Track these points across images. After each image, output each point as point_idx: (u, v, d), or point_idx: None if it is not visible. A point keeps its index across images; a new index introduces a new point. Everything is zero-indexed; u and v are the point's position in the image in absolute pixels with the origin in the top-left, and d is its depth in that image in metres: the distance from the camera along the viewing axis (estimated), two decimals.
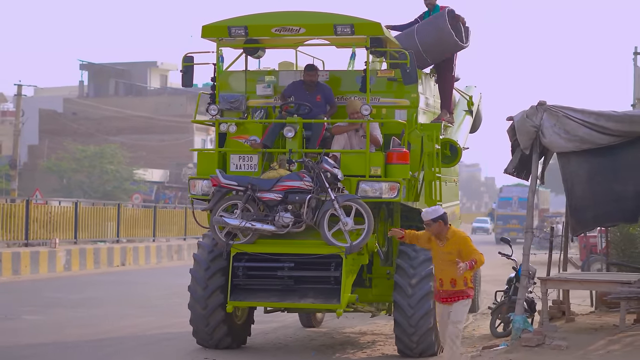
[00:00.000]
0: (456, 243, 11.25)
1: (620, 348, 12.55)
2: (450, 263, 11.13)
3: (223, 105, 14.52)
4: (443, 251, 11.26)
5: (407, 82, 13.62)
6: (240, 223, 13.35)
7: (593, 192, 13.36)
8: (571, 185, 13.46)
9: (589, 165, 13.34)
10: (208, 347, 14.11)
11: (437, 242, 11.34)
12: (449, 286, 11.23)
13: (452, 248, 11.22)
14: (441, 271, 11.31)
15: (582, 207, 13.45)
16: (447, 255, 11.19)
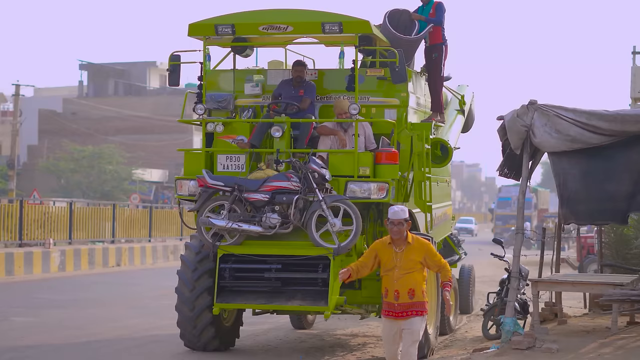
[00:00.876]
0: (420, 249, 10.13)
1: (611, 351, 12.36)
2: (410, 271, 10.04)
3: (211, 104, 14.34)
4: (403, 258, 10.05)
5: (396, 80, 13.43)
6: (226, 224, 13.16)
7: (586, 189, 13.17)
8: (564, 181, 13.25)
9: (581, 165, 13.15)
10: (195, 350, 13.94)
11: (393, 249, 10.10)
12: (406, 298, 10.00)
13: (415, 254, 10.08)
14: (396, 281, 10.04)
15: (575, 199, 13.24)
16: (408, 263, 10.03)
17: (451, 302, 10.60)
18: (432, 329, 13.98)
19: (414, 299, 10.01)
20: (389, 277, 10.09)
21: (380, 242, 10.29)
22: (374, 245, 10.35)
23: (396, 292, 10.01)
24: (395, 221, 10.08)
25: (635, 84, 17.20)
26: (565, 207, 13.36)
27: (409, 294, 10.01)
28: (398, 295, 10.01)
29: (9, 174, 53.14)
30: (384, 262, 10.13)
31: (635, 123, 12.76)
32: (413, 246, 10.12)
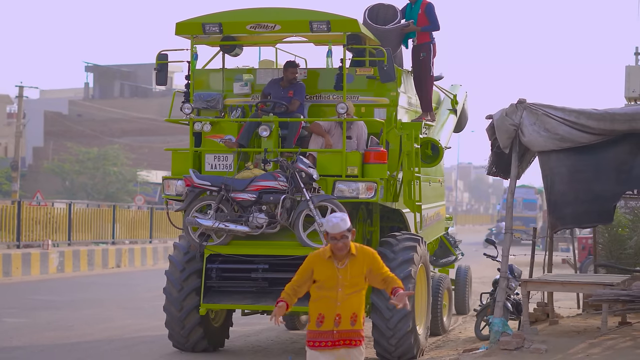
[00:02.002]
0: (364, 260, 8.30)
1: (600, 351, 12.24)
2: (356, 290, 8.27)
3: (199, 104, 14.26)
4: (348, 274, 8.23)
5: (384, 79, 13.34)
6: (213, 224, 13.09)
7: (573, 190, 13.05)
8: (551, 183, 13.15)
9: (570, 164, 13.03)
10: (184, 350, 13.88)
11: (334, 264, 8.24)
12: (347, 324, 8.22)
13: (360, 268, 8.28)
14: (339, 304, 8.20)
15: (562, 203, 13.13)
16: (352, 280, 8.23)
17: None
18: (422, 329, 13.89)
19: (355, 325, 8.24)
20: (327, 300, 8.20)
21: (317, 256, 8.35)
22: (310, 259, 8.41)
23: (337, 316, 8.17)
24: (338, 235, 8.20)
25: (630, 83, 17.08)
26: (552, 213, 13.25)
27: (352, 319, 8.22)
28: (339, 321, 8.18)
29: (13, 176, 53.15)
30: (322, 281, 8.24)
31: (624, 122, 12.64)
32: (357, 258, 8.28)
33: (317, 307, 8.28)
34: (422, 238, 13.95)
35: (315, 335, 8.27)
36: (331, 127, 13.64)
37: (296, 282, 8.36)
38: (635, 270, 16.41)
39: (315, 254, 8.39)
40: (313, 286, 8.31)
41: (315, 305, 8.30)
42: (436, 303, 16.16)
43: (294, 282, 8.37)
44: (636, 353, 12.01)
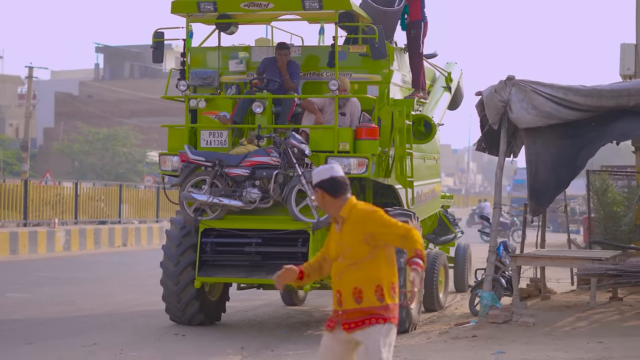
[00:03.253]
0: (359, 223, 6.68)
1: (586, 325, 12.45)
2: (356, 261, 6.72)
3: (195, 81, 14.47)
4: (343, 241, 6.74)
5: (375, 56, 13.51)
6: (207, 199, 13.32)
7: (556, 176, 13.27)
8: (535, 170, 13.34)
9: (554, 151, 13.22)
10: (181, 324, 14.09)
11: (334, 228, 6.88)
12: (351, 302, 6.70)
13: (355, 233, 6.69)
14: (338, 277, 6.78)
15: (544, 190, 13.36)
16: (351, 248, 6.71)
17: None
18: (415, 305, 14.08)
19: (361, 303, 6.66)
20: (332, 271, 6.87)
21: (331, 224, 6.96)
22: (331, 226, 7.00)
23: (338, 293, 6.74)
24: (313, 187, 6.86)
25: (625, 61, 17.22)
26: (534, 200, 13.48)
27: (355, 296, 6.68)
28: (341, 298, 6.72)
29: (23, 156, 53.48)
30: (329, 251, 6.94)
31: (612, 98, 12.81)
32: (349, 221, 6.71)
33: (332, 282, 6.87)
34: (415, 213, 14.14)
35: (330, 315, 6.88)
36: (324, 103, 13.82)
37: (321, 252, 7.08)
38: (628, 247, 16.59)
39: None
40: None
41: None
42: (432, 280, 16.33)
43: (320, 252, 7.10)
44: (622, 326, 12.22)
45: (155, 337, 13.22)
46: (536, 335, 11.89)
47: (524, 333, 12.10)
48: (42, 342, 12.61)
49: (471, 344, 11.63)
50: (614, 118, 12.94)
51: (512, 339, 11.65)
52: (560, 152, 13.20)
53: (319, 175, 6.74)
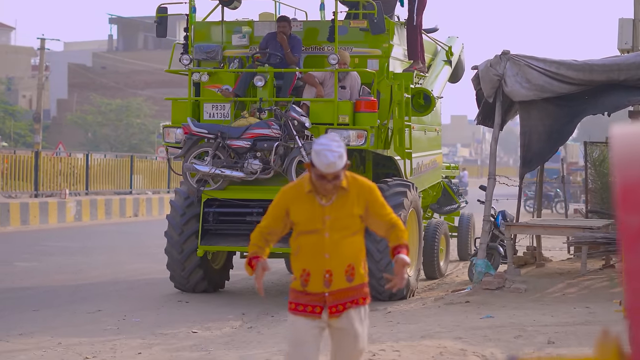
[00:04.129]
0: (359, 197, 6.14)
1: (576, 291, 12.83)
2: (349, 234, 6.13)
3: (199, 55, 14.83)
4: (336, 214, 6.09)
5: (375, 31, 13.86)
6: (210, 170, 13.71)
7: (549, 147, 13.64)
8: (528, 140, 13.71)
9: (550, 120, 13.58)
10: (185, 291, 14.51)
11: (316, 200, 6.10)
12: (342, 281, 6.08)
13: (354, 205, 6.12)
14: (328, 255, 6.06)
15: (536, 159, 13.74)
16: (344, 220, 6.10)
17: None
18: (413, 272, 14.46)
19: (353, 281, 6.11)
20: (311, 250, 6.07)
21: (292, 190, 6.22)
22: (283, 194, 6.26)
23: (327, 273, 6.03)
24: (330, 176, 5.97)
25: (623, 35, 17.51)
26: (524, 167, 13.89)
27: (348, 273, 6.10)
28: (330, 278, 6.05)
29: (36, 128, 53.94)
30: (302, 223, 6.12)
31: (603, 72, 13.15)
32: (349, 194, 6.10)
33: (299, 261, 6.11)
34: (413, 184, 14.50)
35: (298, 295, 6.11)
36: (325, 77, 14.18)
37: (266, 227, 6.23)
38: None
39: (289, 188, 6.24)
40: (293, 233, 6.19)
41: (297, 259, 6.14)
42: (432, 248, 16.72)
43: (263, 227, 6.24)
44: (609, 292, 12.59)
45: (160, 304, 13.65)
46: (526, 301, 12.27)
47: (515, 299, 12.49)
48: (47, 309, 13.06)
49: (463, 309, 12.02)
50: (606, 91, 13.27)
51: (503, 305, 12.04)
52: (554, 124, 13.55)
53: (343, 159, 5.93)
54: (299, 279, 6.12)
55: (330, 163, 5.87)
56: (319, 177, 5.95)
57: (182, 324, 12.03)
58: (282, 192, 6.25)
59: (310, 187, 6.07)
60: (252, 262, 6.15)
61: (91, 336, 11.01)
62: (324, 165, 5.87)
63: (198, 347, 10.50)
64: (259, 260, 6.12)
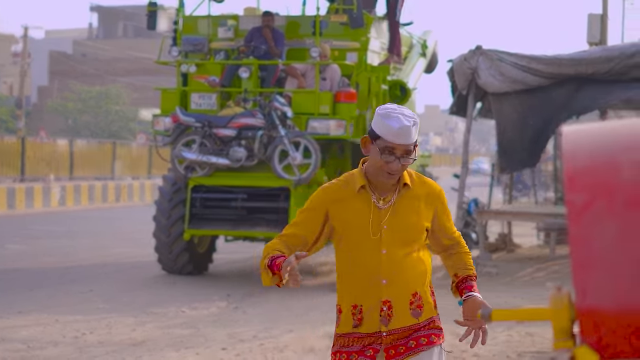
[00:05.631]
0: (427, 201, 4.45)
1: (544, 275, 13.53)
2: (410, 251, 4.40)
3: (187, 47, 15.44)
4: (395, 223, 4.38)
5: (354, 25, 14.52)
6: (197, 157, 14.33)
7: (523, 134, 14.29)
8: (503, 129, 14.38)
9: (522, 108, 14.26)
10: (171, 273, 15.13)
11: (370, 200, 4.39)
12: (406, 315, 4.41)
13: (418, 212, 4.43)
14: (383, 282, 4.38)
15: (512, 149, 14.40)
16: (407, 232, 4.38)
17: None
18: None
19: (422, 315, 4.45)
20: (362, 274, 4.39)
21: (337, 186, 4.46)
22: (322, 193, 4.47)
23: (385, 304, 4.39)
24: (401, 148, 4.23)
25: (592, 30, 18.22)
26: (502, 157, 14.54)
27: (413, 305, 4.43)
28: (390, 313, 4.40)
29: (17, 114, 54.33)
30: (349, 232, 4.40)
31: (571, 66, 13.84)
32: (415, 194, 4.43)
33: (346, 290, 4.42)
34: None
35: (347, 341, 4.43)
36: (307, 69, 14.83)
37: (292, 236, 4.40)
38: None
39: (332, 185, 4.46)
40: (336, 249, 4.45)
41: (343, 288, 4.44)
42: None
43: (287, 237, 4.40)
44: None
45: (148, 285, 14.28)
46: (498, 284, 12.96)
47: (487, 282, 13.16)
48: (41, 289, 13.66)
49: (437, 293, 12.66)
50: (576, 87, 13.95)
51: None
52: (527, 113, 14.22)
53: (417, 127, 4.26)
54: (347, 316, 4.40)
55: (404, 127, 4.14)
56: (383, 151, 4.19)
57: (170, 303, 12.63)
58: (322, 190, 4.44)
59: (365, 181, 4.31)
60: (274, 262, 4.18)
61: (86, 314, 11.64)
62: (394, 130, 4.16)
63: (188, 325, 11.14)
64: (284, 258, 4.17)
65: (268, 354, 9.48)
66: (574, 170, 2.90)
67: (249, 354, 9.50)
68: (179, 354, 9.54)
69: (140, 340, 10.25)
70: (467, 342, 4.55)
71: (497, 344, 9.68)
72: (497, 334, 10.11)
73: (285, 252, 4.31)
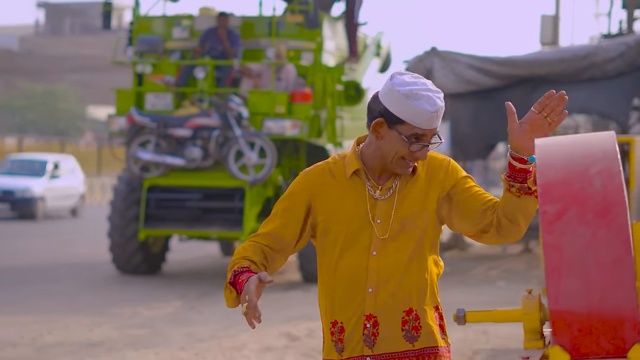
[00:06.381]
0: (435, 177, 3.49)
1: (497, 273, 13.75)
2: (408, 250, 3.42)
3: (142, 47, 15.45)
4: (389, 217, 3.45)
5: (309, 26, 14.65)
6: (152, 157, 14.37)
7: (476, 131, 14.52)
8: (456, 123, 14.61)
9: (474, 106, 14.48)
10: (126, 273, 15.16)
11: (365, 189, 3.47)
12: (397, 337, 3.41)
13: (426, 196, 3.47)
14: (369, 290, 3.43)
15: (466, 142, 14.62)
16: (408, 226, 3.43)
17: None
18: None
19: (418, 340, 3.44)
20: (345, 279, 3.48)
21: (321, 171, 3.55)
22: (303, 180, 3.55)
23: (369, 319, 3.44)
24: (431, 133, 3.39)
25: (544, 30, 18.54)
26: (455, 147, 14.76)
27: (407, 325, 3.45)
28: (375, 331, 3.44)
29: None
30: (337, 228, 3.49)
31: (525, 67, 14.09)
32: (419, 177, 3.50)
33: (327, 303, 3.53)
34: None
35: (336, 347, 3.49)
36: (262, 69, 14.93)
37: (268, 235, 3.54)
38: None
39: (314, 170, 3.58)
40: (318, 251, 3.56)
41: (324, 300, 3.54)
42: None
43: (262, 237, 3.54)
44: (529, 274, 13.52)
45: (103, 285, 14.32)
46: (452, 282, 13.15)
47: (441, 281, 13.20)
48: None
49: None
50: (532, 89, 14.19)
51: None
52: (482, 113, 14.44)
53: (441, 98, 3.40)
54: (329, 334, 3.52)
55: (439, 109, 3.35)
56: (410, 139, 3.36)
57: (126, 304, 12.67)
58: (304, 175, 3.57)
59: (359, 164, 3.49)
60: (238, 280, 3.37)
61: (42, 315, 11.63)
62: (428, 114, 3.32)
63: (145, 325, 11.20)
64: (250, 275, 3.33)
65: (227, 353, 9.57)
66: (547, 182, 3.05)
67: (207, 353, 9.58)
68: (139, 354, 9.60)
69: (98, 340, 10.29)
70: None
71: (453, 342, 9.82)
72: (453, 332, 10.28)
73: (257, 259, 3.44)
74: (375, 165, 3.48)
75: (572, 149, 3.12)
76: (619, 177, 2.93)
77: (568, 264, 2.93)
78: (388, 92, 3.40)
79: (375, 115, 3.45)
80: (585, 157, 3.06)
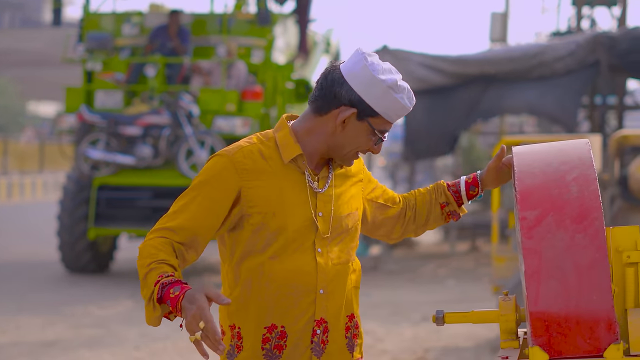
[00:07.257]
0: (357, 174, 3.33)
1: (446, 271, 13.90)
2: (348, 252, 3.22)
3: (91, 44, 15.39)
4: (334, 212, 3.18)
5: (261, 23, 14.70)
6: (102, 155, 14.33)
7: (427, 127, 14.66)
8: (408, 121, 14.73)
9: (426, 104, 14.61)
10: (74, 271, 15.09)
11: (304, 180, 3.14)
12: (341, 344, 3.20)
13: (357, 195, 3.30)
14: (320, 292, 3.14)
15: (417, 139, 14.76)
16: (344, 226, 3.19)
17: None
18: None
19: (355, 350, 3.27)
20: (291, 274, 3.12)
21: (251, 153, 3.12)
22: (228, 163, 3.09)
23: (319, 324, 3.15)
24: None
25: (494, 27, 18.77)
26: (407, 147, 14.90)
27: (349, 332, 3.24)
28: (325, 338, 3.17)
29: None
30: (275, 223, 3.11)
31: (476, 65, 14.27)
32: (350, 171, 3.30)
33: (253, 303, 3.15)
34: None
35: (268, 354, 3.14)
36: (213, 67, 14.95)
37: (180, 229, 3.08)
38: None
39: (241, 151, 3.14)
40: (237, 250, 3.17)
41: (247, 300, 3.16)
42: None
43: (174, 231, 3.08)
44: (478, 272, 13.70)
45: (53, 284, 14.23)
46: (401, 280, 13.28)
47: (389, 279, 13.48)
48: None
49: None
50: (483, 88, 14.37)
51: (380, 285, 13.01)
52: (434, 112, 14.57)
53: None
54: (252, 344, 3.13)
55: (413, 103, 3.20)
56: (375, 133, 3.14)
57: (77, 303, 12.62)
58: (227, 159, 3.11)
59: (300, 150, 3.13)
60: (169, 292, 2.88)
61: None
62: (404, 110, 3.15)
63: (98, 324, 11.16)
64: (185, 288, 2.88)
65: (183, 352, 9.59)
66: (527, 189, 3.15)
67: (163, 353, 9.60)
68: (94, 354, 9.59)
69: (52, 340, 10.25)
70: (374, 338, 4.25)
71: (405, 340, 9.96)
72: (404, 329, 10.41)
73: (175, 263, 2.95)
74: (316, 153, 3.15)
75: (549, 156, 3.23)
76: (594, 184, 3.03)
77: (547, 267, 3.03)
78: (367, 79, 3.05)
79: (342, 102, 3.07)
80: (563, 163, 3.16)
